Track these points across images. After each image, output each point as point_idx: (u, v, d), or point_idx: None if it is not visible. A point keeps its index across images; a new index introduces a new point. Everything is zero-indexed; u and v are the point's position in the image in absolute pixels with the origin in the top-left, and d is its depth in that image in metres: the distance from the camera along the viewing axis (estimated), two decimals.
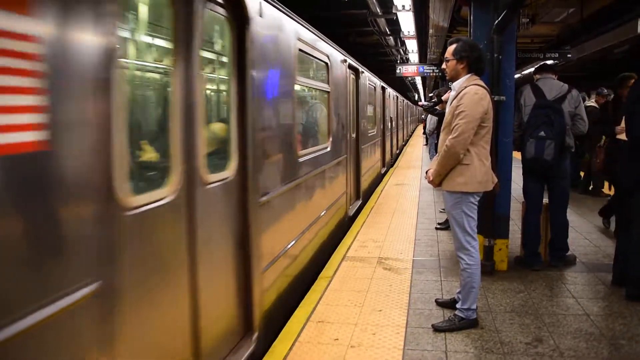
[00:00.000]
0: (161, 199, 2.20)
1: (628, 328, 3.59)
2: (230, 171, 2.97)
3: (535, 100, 4.80)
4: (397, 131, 18.03)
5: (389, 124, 14.34)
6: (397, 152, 18.05)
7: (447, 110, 3.60)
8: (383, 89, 12.43)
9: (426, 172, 3.81)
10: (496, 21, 4.47)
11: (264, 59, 3.40)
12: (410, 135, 31.36)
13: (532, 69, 13.07)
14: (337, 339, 3.47)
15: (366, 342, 3.43)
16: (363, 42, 15.60)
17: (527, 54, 10.63)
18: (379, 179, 11.37)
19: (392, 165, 14.66)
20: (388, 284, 4.55)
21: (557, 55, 10.38)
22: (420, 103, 47.50)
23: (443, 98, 6.73)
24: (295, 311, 4.00)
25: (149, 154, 2.48)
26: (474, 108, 3.36)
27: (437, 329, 3.59)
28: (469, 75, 3.52)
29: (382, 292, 4.36)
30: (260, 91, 3.32)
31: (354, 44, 15.03)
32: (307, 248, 4.66)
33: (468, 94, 3.40)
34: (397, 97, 18.53)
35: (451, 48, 3.57)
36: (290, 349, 3.35)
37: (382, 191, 9.82)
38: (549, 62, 9.36)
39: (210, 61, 3.16)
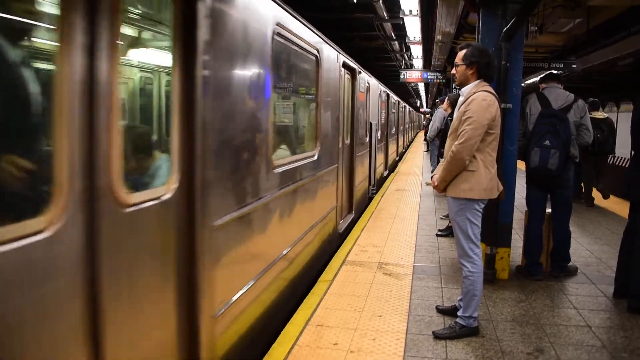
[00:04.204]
0: None
1: (630, 341, 3.56)
2: None
3: (541, 109, 4.78)
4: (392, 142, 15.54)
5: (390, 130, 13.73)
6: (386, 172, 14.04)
7: (454, 115, 3.57)
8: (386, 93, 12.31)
9: (431, 177, 3.78)
10: (504, 28, 4.45)
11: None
12: (411, 142, 31.28)
13: (536, 79, 13.09)
14: (337, 344, 3.43)
15: (366, 347, 3.39)
16: (367, 46, 15.57)
17: (532, 63, 10.59)
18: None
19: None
20: (388, 289, 4.52)
21: (561, 65, 10.36)
22: (422, 110, 47.54)
23: (442, 107, 6.76)
24: (294, 314, 3.96)
25: None
26: (482, 114, 3.34)
27: (437, 336, 3.55)
28: (478, 81, 3.50)
29: (382, 297, 4.32)
30: None
31: (358, 48, 15.01)
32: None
33: (476, 100, 3.37)
34: (399, 102, 17.47)
35: (461, 53, 3.54)
36: (289, 352, 3.31)
37: (382, 196, 9.78)
38: (555, 71, 9.34)
39: None
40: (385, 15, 11.05)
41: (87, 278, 1.76)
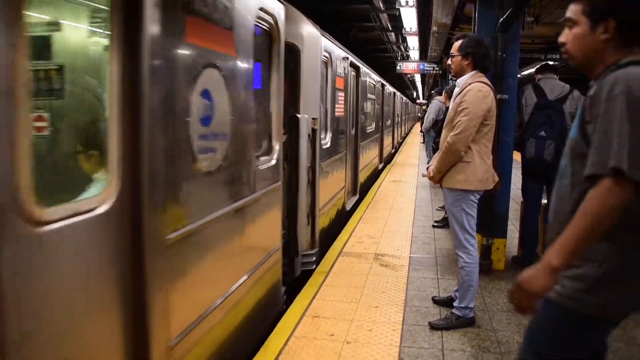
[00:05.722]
0: None
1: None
2: None
3: (537, 100, 4.77)
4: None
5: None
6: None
7: (450, 106, 3.57)
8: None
9: (427, 169, 3.79)
10: (501, 19, 4.44)
11: None
12: (405, 136, 30.57)
13: (531, 70, 13.07)
14: (333, 335, 3.45)
15: (362, 338, 3.40)
16: (364, 37, 15.55)
17: (529, 54, 10.62)
18: None
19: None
20: (384, 280, 4.53)
21: (558, 56, 10.37)
22: (418, 101, 47.53)
23: (440, 99, 6.69)
24: (291, 305, 3.97)
25: None
26: (477, 105, 3.33)
27: (433, 326, 3.57)
28: (474, 72, 3.48)
29: (379, 288, 4.33)
30: None
31: (355, 40, 14.98)
32: None
33: (472, 91, 3.36)
34: (383, 85, 12.22)
35: (457, 44, 3.53)
36: (286, 343, 3.32)
37: (378, 188, 9.79)
38: (551, 62, 9.34)
39: None
40: (382, 6, 11.02)
41: None
